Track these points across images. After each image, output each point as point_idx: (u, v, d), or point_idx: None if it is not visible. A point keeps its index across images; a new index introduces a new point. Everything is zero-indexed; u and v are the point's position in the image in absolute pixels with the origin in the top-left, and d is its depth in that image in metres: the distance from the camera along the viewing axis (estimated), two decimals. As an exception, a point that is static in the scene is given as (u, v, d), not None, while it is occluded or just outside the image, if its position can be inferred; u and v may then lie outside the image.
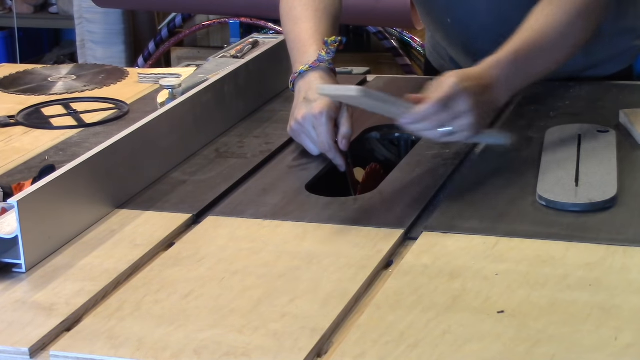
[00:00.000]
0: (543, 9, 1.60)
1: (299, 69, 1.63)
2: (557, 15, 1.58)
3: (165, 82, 1.85)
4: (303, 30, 1.69)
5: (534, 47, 1.56)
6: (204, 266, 1.30)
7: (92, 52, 4.11)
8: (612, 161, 1.53)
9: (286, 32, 1.74)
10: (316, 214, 1.43)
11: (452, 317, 1.15)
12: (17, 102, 1.99)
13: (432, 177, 1.54)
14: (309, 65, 1.62)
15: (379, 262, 1.29)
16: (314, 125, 1.57)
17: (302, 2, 1.73)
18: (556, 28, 1.58)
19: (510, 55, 1.53)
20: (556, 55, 1.60)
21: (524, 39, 1.56)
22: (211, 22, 3.92)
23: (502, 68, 1.51)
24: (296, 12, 1.72)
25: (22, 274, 1.30)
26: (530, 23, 1.58)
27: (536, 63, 1.57)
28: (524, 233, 1.35)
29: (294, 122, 1.62)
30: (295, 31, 1.70)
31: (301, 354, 1.09)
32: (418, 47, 3.70)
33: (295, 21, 1.71)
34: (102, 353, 1.11)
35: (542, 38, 1.57)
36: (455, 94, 1.42)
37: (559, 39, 1.58)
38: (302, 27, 1.70)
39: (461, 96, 1.43)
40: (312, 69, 1.62)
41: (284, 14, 1.76)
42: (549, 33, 1.57)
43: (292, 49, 1.69)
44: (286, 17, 1.75)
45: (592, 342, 1.10)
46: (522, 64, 1.54)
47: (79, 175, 1.41)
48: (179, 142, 1.65)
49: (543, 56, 1.58)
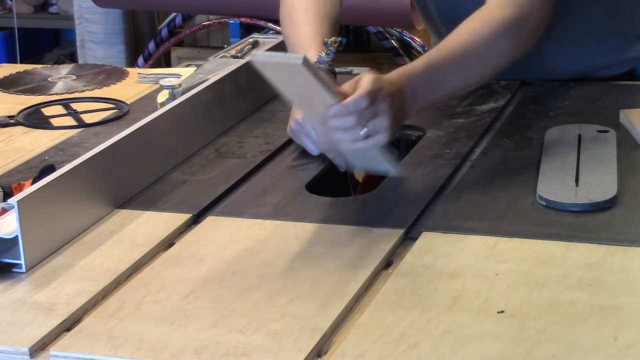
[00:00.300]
0: (469, 22, 1.55)
1: None
2: (482, 29, 1.53)
3: (165, 82, 1.85)
4: (303, 34, 1.69)
5: (450, 62, 1.50)
6: (204, 266, 1.30)
7: (92, 52, 4.11)
8: (612, 161, 1.53)
9: (286, 35, 1.74)
10: (316, 214, 1.43)
11: (452, 317, 1.15)
12: (17, 102, 1.99)
13: (432, 177, 1.54)
14: None
15: (379, 262, 1.29)
16: (313, 126, 1.57)
17: (302, 6, 1.73)
18: (479, 43, 1.52)
19: (421, 68, 1.48)
20: (478, 70, 1.54)
21: (441, 52, 1.51)
22: (211, 22, 3.92)
23: (412, 80, 1.46)
24: (296, 15, 1.72)
25: (22, 274, 1.30)
26: (452, 36, 1.54)
27: (451, 78, 1.51)
28: (524, 233, 1.35)
29: (293, 123, 1.62)
30: (295, 35, 1.70)
31: (301, 354, 1.09)
32: (418, 47, 3.70)
33: (295, 25, 1.71)
34: (102, 353, 1.11)
35: (461, 53, 1.51)
36: (376, 91, 1.37)
37: (480, 54, 1.53)
38: (301, 30, 1.69)
39: (381, 94, 1.37)
40: None
41: (284, 18, 1.76)
42: (471, 47, 1.52)
43: (293, 45, 1.69)
44: (286, 20, 1.75)
45: (592, 342, 1.10)
46: (435, 78, 1.49)
47: (79, 175, 1.41)
48: (179, 142, 1.65)
49: (461, 71, 1.52)
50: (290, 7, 1.75)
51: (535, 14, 1.57)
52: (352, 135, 1.36)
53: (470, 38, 1.53)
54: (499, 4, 1.57)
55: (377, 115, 1.37)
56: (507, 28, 1.54)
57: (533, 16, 1.57)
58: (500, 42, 1.54)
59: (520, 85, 1.91)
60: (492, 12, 1.56)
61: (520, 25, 1.56)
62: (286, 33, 1.74)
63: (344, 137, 1.37)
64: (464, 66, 1.52)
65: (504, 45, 1.55)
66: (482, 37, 1.53)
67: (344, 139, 1.37)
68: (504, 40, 1.54)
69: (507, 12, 1.55)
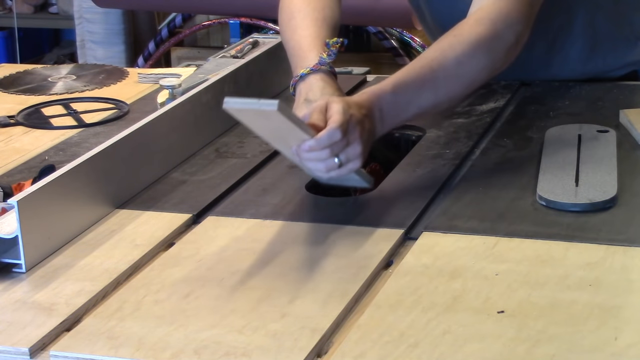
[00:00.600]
0: (441, 41, 1.54)
1: (299, 72, 1.63)
2: (454, 48, 1.52)
3: (165, 82, 1.85)
4: (303, 37, 1.68)
5: (419, 81, 1.49)
6: (204, 266, 1.30)
7: (92, 52, 4.11)
8: (612, 161, 1.53)
9: (285, 40, 1.73)
10: (316, 214, 1.43)
11: (452, 317, 1.15)
12: (17, 102, 1.99)
13: (432, 177, 1.54)
14: (310, 68, 1.61)
15: (379, 262, 1.29)
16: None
17: (301, 12, 1.73)
18: (450, 61, 1.51)
19: (390, 88, 1.47)
20: (449, 88, 1.52)
21: (410, 72, 1.50)
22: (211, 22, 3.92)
23: (381, 100, 1.46)
24: (295, 21, 1.72)
25: (22, 274, 1.30)
26: (424, 54, 1.53)
27: (422, 97, 1.50)
28: (524, 233, 1.35)
29: None
30: (295, 39, 1.70)
31: (301, 354, 1.09)
32: (418, 47, 3.70)
33: (294, 29, 1.71)
34: (102, 353, 1.11)
35: (431, 71, 1.50)
36: (348, 121, 1.38)
37: (451, 73, 1.51)
38: (301, 34, 1.69)
39: (352, 123, 1.38)
40: (313, 71, 1.61)
41: (283, 23, 1.75)
42: (442, 66, 1.50)
43: (293, 56, 1.69)
44: (285, 26, 1.74)
45: (592, 342, 1.10)
46: (403, 98, 1.48)
47: (79, 175, 1.41)
48: (179, 142, 1.65)
49: (431, 90, 1.50)
50: (289, 13, 1.74)
51: (509, 33, 1.54)
52: (325, 165, 1.38)
53: (441, 57, 1.51)
54: (472, 22, 1.55)
55: (350, 144, 1.38)
56: (479, 47, 1.52)
57: (507, 34, 1.54)
58: (472, 60, 1.52)
59: (520, 85, 1.91)
60: (464, 30, 1.54)
61: (493, 44, 1.53)
62: (285, 37, 1.73)
63: (318, 167, 1.38)
64: (435, 85, 1.50)
65: (475, 64, 1.52)
66: (454, 56, 1.51)
67: (318, 168, 1.38)
68: (476, 58, 1.52)
69: (480, 30, 1.53)
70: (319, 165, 1.38)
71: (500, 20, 1.55)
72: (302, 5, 1.74)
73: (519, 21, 1.56)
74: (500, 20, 1.55)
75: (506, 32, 1.54)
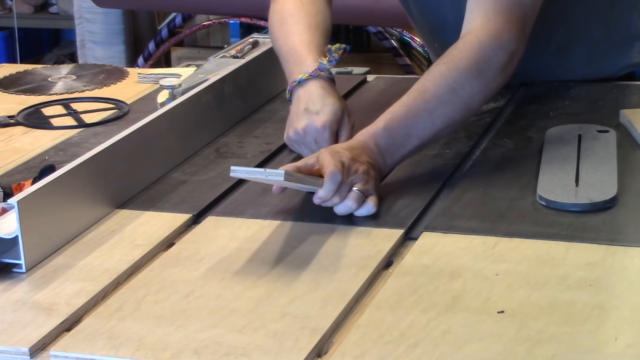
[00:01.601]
0: (432, 69, 1.54)
1: (297, 78, 1.61)
2: (445, 75, 1.51)
3: (165, 82, 1.85)
4: (297, 42, 1.67)
5: (413, 113, 1.50)
6: (204, 266, 1.30)
7: (92, 52, 4.11)
8: (612, 161, 1.53)
9: (279, 45, 1.71)
10: (316, 214, 1.43)
11: (452, 317, 1.15)
12: (17, 102, 1.99)
13: (432, 177, 1.54)
14: (309, 74, 1.60)
15: (379, 262, 1.29)
16: (315, 139, 1.57)
17: (294, 17, 1.71)
18: (443, 89, 1.50)
19: (380, 125, 1.48)
20: (447, 116, 1.51)
21: (403, 105, 1.50)
22: (211, 22, 3.92)
23: (375, 137, 1.47)
24: (288, 26, 1.71)
25: (22, 274, 1.30)
26: (416, 85, 1.53)
27: (418, 128, 1.50)
28: (524, 233, 1.35)
29: (292, 132, 1.60)
30: (289, 44, 1.68)
31: (301, 354, 1.09)
32: (418, 47, 3.70)
33: (287, 35, 1.70)
34: (102, 353, 1.11)
35: (425, 101, 1.50)
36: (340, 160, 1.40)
37: (446, 100, 1.51)
38: (296, 39, 1.68)
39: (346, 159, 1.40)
40: (312, 77, 1.60)
41: (275, 28, 1.74)
42: (436, 95, 1.50)
43: (288, 61, 1.67)
44: (277, 32, 1.73)
45: (592, 342, 1.10)
46: (399, 132, 1.48)
47: (79, 175, 1.41)
48: (179, 142, 1.65)
49: (428, 120, 1.50)
50: (281, 18, 1.73)
51: (501, 54, 1.53)
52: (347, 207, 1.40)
53: (433, 86, 1.51)
54: (462, 47, 1.54)
55: (357, 174, 1.41)
56: (470, 72, 1.52)
57: (499, 56, 1.53)
58: (465, 86, 1.51)
59: (520, 85, 1.91)
60: (455, 56, 1.53)
61: (484, 67, 1.52)
62: (278, 43, 1.72)
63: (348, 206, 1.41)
64: (430, 114, 1.50)
65: (469, 89, 1.52)
66: (445, 84, 1.51)
67: (349, 207, 1.41)
68: (469, 84, 1.52)
69: (470, 55, 1.52)
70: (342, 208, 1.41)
71: (490, 42, 1.54)
72: (294, 10, 1.73)
73: (510, 40, 1.54)
74: (490, 42, 1.54)
75: (498, 53, 1.53)
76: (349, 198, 1.40)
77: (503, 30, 1.54)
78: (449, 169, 1.56)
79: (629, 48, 1.93)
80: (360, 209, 1.41)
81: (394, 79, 2.13)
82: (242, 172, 1.37)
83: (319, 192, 1.39)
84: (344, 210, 1.41)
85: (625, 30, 1.92)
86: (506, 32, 1.55)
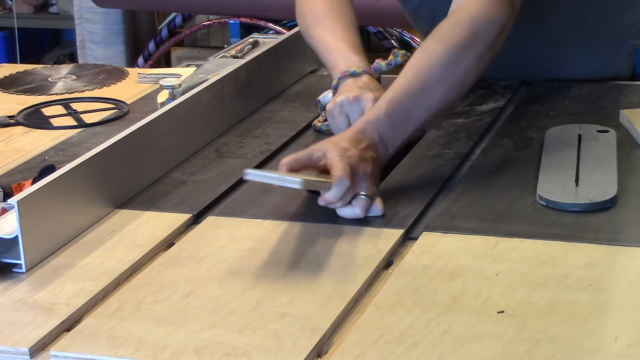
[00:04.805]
0: (424, 47, 1.56)
1: (352, 70, 1.66)
2: (438, 53, 1.52)
3: (165, 82, 1.85)
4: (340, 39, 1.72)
5: (411, 94, 1.51)
6: (204, 266, 1.30)
7: (92, 52, 4.11)
8: (612, 161, 1.53)
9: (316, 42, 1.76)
10: (316, 214, 1.43)
11: (452, 317, 1.15)
12: (17, 102, 1.99)
13: (432, 177, 1.54)
14: (364, 70, 1.66)
15: (379, 262, 1.29)
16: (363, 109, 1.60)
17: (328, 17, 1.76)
18: (437, 67, 1.52)
19: (381, 111, 1.49)
20: (443, 94, 1.52)
21: (400, 87, 1.51)
22: (211, 22, 3.92)
23: (376, 125, 1.48)
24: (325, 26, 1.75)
25: (22, 274, 1.30)
26: (409, 66, 1.54)
27: (416, 109, 1.51)
28: (524, 233, 1.35)
29: (342, 97, 1.62)
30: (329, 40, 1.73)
31: (301, 354, 1.09)
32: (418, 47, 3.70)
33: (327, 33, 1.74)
34: (102, 353, 1.11)
35: (421, 82, 1.51)
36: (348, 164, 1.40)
37: (441, 78, 1.52)
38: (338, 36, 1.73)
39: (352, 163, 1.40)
40: (366, 72, 1.66)
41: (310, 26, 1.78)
42: (429, 74, 1.51)
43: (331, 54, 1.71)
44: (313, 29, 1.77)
45: (592, 342, 1.10)
46: (399, 116, 1.49)
47: (79, 175, 1.41)
48: (179, 142, 1.65)
49: (425, 100, 1.51)
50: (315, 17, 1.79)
51: (491, 28, 1.55)
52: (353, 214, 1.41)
53: (426, 65, 1.52)
54: (451, 23, 1.56)
55: (364, 177, 1.41)
56: (462, 48, 1.53)
57: (489, 30, 1.55)
58: (457, 63, 1.52)
59: (520, 85, 1.91)
60: (445, 33, 1.55)
61: (475, 43, 1.54)
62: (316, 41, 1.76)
63: (355, 212, 1.41)
64: (427, 94, 1.51)
65: (462, 65, 1.53)
66: (438, 61, 1.52)
67: (356, 213, 1.41)
68: (461, 60, 1.53)
69: (460, 31, 1.54)
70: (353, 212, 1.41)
71: (481, 17, 1.55)
72: (326, 8, 1.78)
73: (500, 14, 1.56)
74: (481, 17, 1.55)
75: (489, 27, 1.55)
76: (356, 205, 1.40)
77: (493, 4, 1.56)
78: (449, 169, 1.56)
79: (624, 45, 1.93)
80: (369, 212, 1.42)
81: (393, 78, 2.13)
82: (256, 176, 1.36)
83: (325, 195, 1.39)
84: (349, 215, 1.41)
85: (619, 27, 1.92)
86: (496, 6, 1.56)
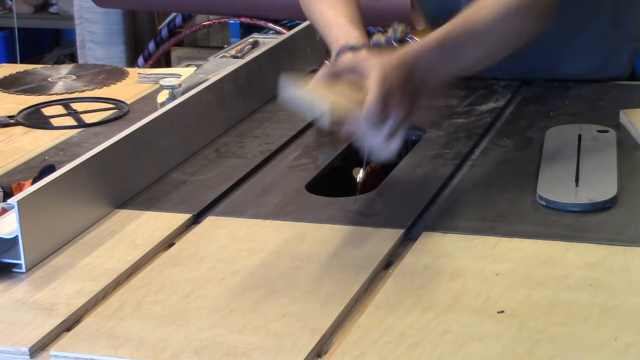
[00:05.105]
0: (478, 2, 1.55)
1: (351, 43, 1.57)
2: (491, 8, 1.52)
3: (165, 82, 1.85)
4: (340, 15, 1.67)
5: (462, 39, 1.50)
6: (204, 266, 1.30)
7: (92, 52, 4.11)
8: (612, 161, 1.53)
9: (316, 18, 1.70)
10: (316, 214, 1.43)
11: (452, 317, 1.15)
12: (17, 102, 1.99)
13: (432, 177, 1.54)
14: (363, 44, 1.59)
15: (379, 262, 1.29)
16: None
17: None
18: (486, 21, 1.51)
19: (433, 45, 1.46)
20: (488, 47, 1.53)
21: (451, 30, 1.50)
22: (211, 22, 3.92)
23: (424, 58, 1.44)
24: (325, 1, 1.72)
25: (22, 274, 1.30)
26: (460, 16, 1.53)
27: (463, 55, 1.50)
28: (524, 233, 1.35)
29: None
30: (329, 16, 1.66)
31: (301, 354, 1.09)
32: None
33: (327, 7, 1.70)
34: (102, 353, 1.11)
35: (472, 27, 1.51)
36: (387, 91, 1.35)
37: (490, 30, 1.52)
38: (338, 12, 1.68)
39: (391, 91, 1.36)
40: (364, 47, 1.59)
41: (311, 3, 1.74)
42: (479, 25, 1.51)
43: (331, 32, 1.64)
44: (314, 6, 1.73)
45: (592, 342, 1.10)
46: (446, 56, 1.47)
47: (79, 175, 1.41)
48: (179, 142, 1.65)
49: (474, 48, 1.51)
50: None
51: None
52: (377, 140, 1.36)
53: (477, 16, 1.52)
54: None
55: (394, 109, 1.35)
56: (515, 7, 1.53)
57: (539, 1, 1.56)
58: (504, 22, 1.53)
59: (520, 85, 1.91)
60: None
61: (532, 7, 1.55)
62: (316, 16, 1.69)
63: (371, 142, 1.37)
64: (475, 43, 1.51)
65: (509, 26, 1.53)
66: (495, 10, 1.52)
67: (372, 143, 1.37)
68: (510, 20, 1.53)
69: None
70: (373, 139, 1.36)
71: None
72: None
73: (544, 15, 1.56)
74: None
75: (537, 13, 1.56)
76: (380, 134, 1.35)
77: None
78: (449, 169, 1.56)
79: (623, 45, 1.93)
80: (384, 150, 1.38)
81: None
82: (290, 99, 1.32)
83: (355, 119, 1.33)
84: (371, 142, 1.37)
85: (619, 26, 1.92)
86: None
